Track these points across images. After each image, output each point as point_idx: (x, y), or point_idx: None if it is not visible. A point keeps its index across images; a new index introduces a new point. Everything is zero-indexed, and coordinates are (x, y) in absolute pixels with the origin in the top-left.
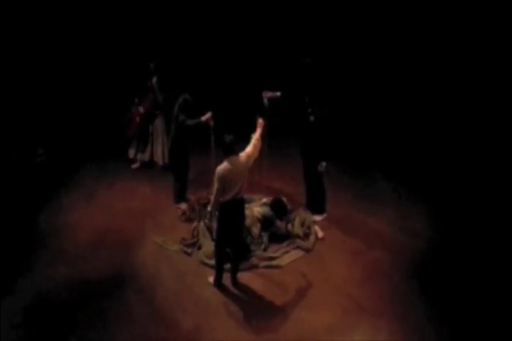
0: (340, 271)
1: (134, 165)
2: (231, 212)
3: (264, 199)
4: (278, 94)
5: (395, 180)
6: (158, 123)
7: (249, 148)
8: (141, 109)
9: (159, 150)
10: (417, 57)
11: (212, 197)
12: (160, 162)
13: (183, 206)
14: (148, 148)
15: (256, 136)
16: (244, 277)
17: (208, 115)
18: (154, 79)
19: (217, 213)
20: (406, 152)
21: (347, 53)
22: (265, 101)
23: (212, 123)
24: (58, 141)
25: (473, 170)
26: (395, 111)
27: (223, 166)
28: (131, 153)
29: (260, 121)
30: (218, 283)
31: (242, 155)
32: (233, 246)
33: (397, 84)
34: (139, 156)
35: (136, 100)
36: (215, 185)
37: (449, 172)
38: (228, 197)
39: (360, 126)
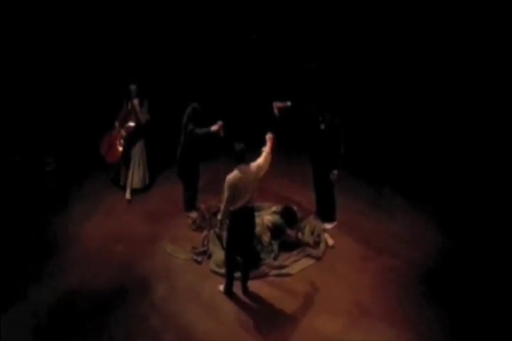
0: (350, 278)
1: (128, 196)
2: (241, 220)
3: (274, 208)
4: (288, 103)
5: (405, 188)
6: (138, 146)
7: (260, 159)
8: (123, 132)
9: (137, 175)
10: (427, 67)
11: (222, 206)
12: (139, 185)
13: (194, 215)
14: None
15: (267, 150)
16: (254, 285)
17: (219, 124)
18: (135, 101)
19: (227, 221)
20: (417, 160)
21: (356, 60)
22: (276, 111)
23: (222, 133)
24: (67, 150)
25: (484, 180)
26: (406, 120)
27: (233, 174)
28: (122, 181)
29: (270, 135)
30: (228, 291)
31: (253, 164)
32: (243, 254)
33: (411, 92)
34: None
35: (117, 124)
36: (225, 193)
37: (459, 181)
38: (238, 205)
39: (372, 133)
